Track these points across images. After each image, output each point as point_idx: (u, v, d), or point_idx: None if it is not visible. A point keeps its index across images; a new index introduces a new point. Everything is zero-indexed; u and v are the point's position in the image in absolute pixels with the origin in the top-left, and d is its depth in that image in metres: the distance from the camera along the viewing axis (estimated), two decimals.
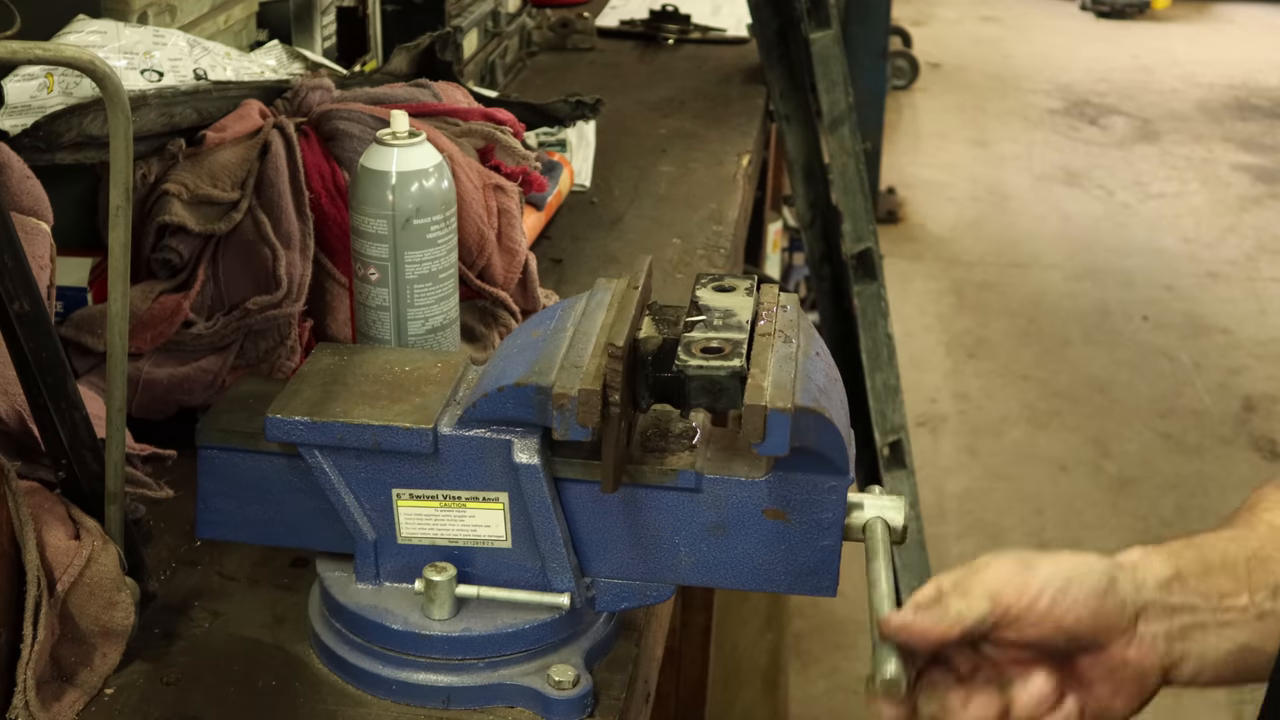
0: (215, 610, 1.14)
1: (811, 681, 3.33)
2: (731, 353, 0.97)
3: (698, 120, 2.45)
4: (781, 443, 0.93)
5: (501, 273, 1.51)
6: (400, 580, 1.06)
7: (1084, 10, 9.26)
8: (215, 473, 1.08)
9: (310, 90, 1.51)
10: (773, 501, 1.01)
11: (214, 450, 1.08)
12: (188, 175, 1.38)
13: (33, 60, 0.93)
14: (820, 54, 2.43)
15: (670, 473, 1.02)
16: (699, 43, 2.95)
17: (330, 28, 2.01)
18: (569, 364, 0.98)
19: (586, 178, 2.09)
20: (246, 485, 1.08)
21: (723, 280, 1.07)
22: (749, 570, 1.04)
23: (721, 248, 1.92)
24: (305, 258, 1.39)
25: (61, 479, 1.06)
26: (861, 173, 2.52)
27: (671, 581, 1.05)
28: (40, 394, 1.01)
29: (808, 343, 1.03)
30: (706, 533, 1.03)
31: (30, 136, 1.32)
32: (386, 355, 1.13)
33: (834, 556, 1.03)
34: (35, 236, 1.15)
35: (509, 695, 1.04)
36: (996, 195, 6.23)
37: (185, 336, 1.35)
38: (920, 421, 3.90)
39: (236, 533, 1.10)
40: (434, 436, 1.02)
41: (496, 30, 2.57)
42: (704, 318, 1.01)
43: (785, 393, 0.94)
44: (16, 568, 0.99)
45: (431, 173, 1.29)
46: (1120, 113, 7.30)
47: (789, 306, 1.06)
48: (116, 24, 1.54)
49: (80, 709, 1.02)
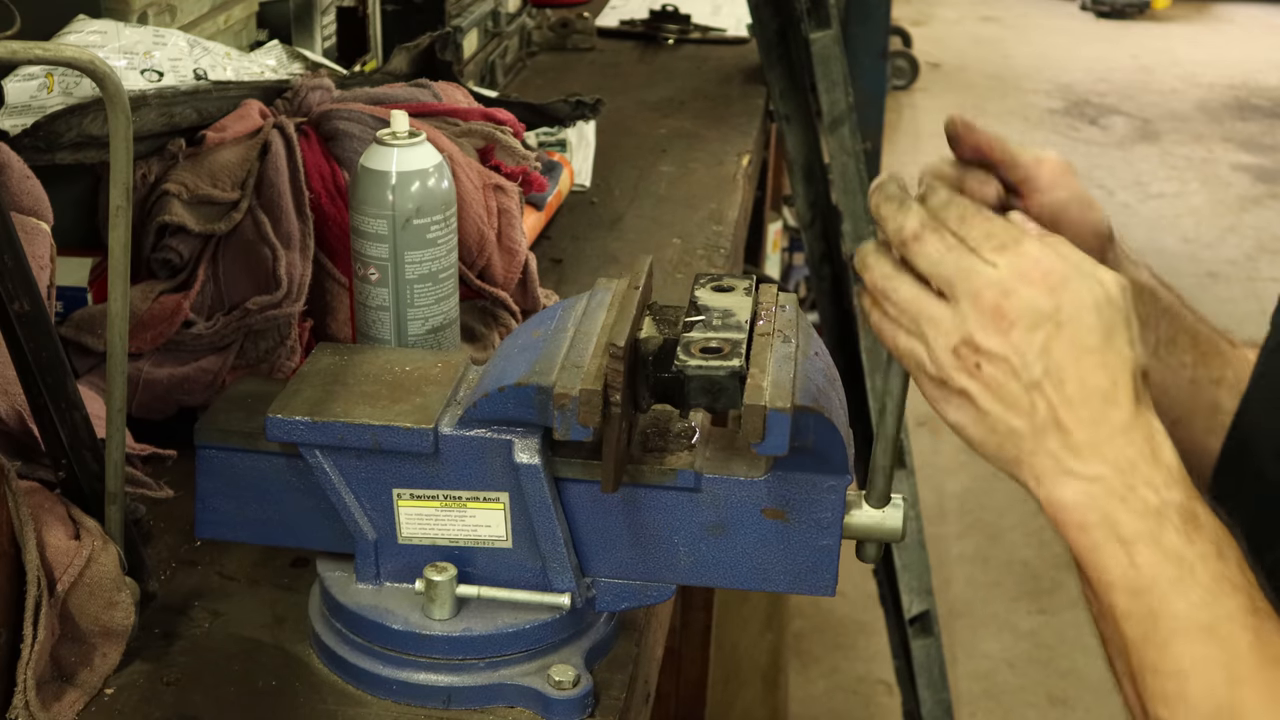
0: (215, 610, 1.14)
1: (811, 681, 3.34)
2: (731, 353, 0.97)
3: (698, 120, 2.45)
4: (781, 442, 0.93)
5: (501, 273, 1.51)
6: (401, 580, 1.06)
7: (1084, 10, 9.26)
8: (214, 472, 1.08)
9: (310, 90, 1.51)
10: (772, 501, 1.01)
11: (212, 450, 1.08)
12: (188, 175, 1.38)
13: (33, 60, 0.93)
14: (820, 54, 2.43)
15: (669, 472, 1.02)
16: (699, 43, 2.95)
17: (330, 28, 2.01)
18: (570, 364, 0.98)
19: (586, 178, 2.09)
20: (245, 485, 1.08)
21: (721, 280, 1.07)
22: (748, 570, 1.04)
23: (721, 248, 1.92)
24: (305, 258, 1.39)
25: (61, 479, 1.06)
26: (861, 173, 2.52)
27: (670, 581, 1.05)
28: (40, 394, 1.01)
29: (806, 342, 1.03)
30: (705, 532, 1.03)
31: (30, 136, 1.32)
32: (387, 355, 1.13)
33: (833, 556, 1.03)
34: (35, 236, 1.15)
35: (509, 695, 1.04)
36: None
37: (185, 336, 1.35)
38: (920, 421, 3.90)
39: (235, 532, 1.10)
40: (435, 436, 1.01)
41: (496, 30, 2.57)
42: (703, 318, 1.01)
43: (784, 392, 0.94)
44: (16, 568, 0.99)
45: (431, 173, 1.29)
46: (1120, 113, 7.30)
47: (788, 306, 1.06)
48: (116, 24, 1.54)
49: (80, 709, 1.02)
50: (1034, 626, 3.50)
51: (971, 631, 3.48)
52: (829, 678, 3.35)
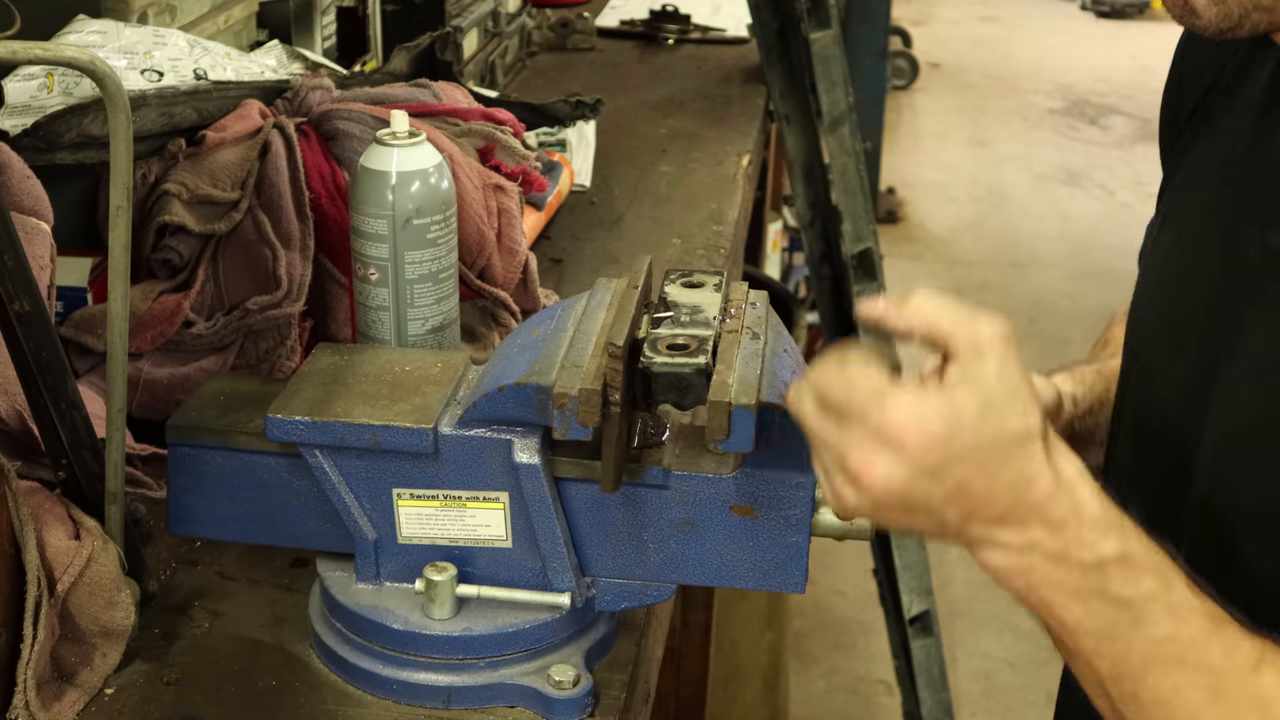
0: (215, 610, 1.14)
1: (811, 681, 3.34)
2: (697, 349, 0.97)
3: (698, 120, 2.45)
4: (745, 439, 0.93)
5: (501, 273, 1.51)
6: (401, 580, 1.06)
7: (1084, 10, 9.26)
8: (186, 469, 1.08)
9: (310, 90, 1.51)
10: (740, 498, 1.01)
11: (185, 447, 1.08)
12: (188, 175, 1.38)
13: (33, 60, 0.93)
14: (820, 54, 2.43)
15: (638, 469, 1.02)
16: (699, 43, 2.95)
17: (330, 28, 2.01)
18: (569, 364, 0.98)
19: (586, 178, 2.09)
20: (217, 482, 1.08)
21: (691, 276, 1.07)
22: (717, 566, 1.04)
23: (721, 248, 1.92)
24: (305, 258, 1.39)
25: (61, 479, 1.06)
26: (861, 173, 2.52)
27: (637, 578, 1.05)
28: (40, 394, 1.01)
29: (775, 339, 1.03)
30: (674, 529, 1.03)
31: (30, 136, 1.32)
32: (387, 355, 1.13)
33: (802, 553, 1.03)
34: (35, 236, 1.15)
35: (509, 695, 1.04)
36: (996, 195, 6.23)
37: (185, 336, 1.35)
38: None
39: (207, 529, 1.10)
40: (434, 436, 1.01)
41: (496, 30, 2.57)
42: (671, 314, 1.01)
43: (750, 389, 0.94)
44: (16, 568, 0.99)
45: (431, 173, 1.29)
46: (1120, 113, 7.30)
47: (758, 303, 1.06)
48: (116, 24, 1.54)
49: (80, 709, 1.02)
50: (1034, 626, 3.48)
51: (971, 631, 3.48)
52: (829, 678, 3.35)
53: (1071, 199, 6.19)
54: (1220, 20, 0.94)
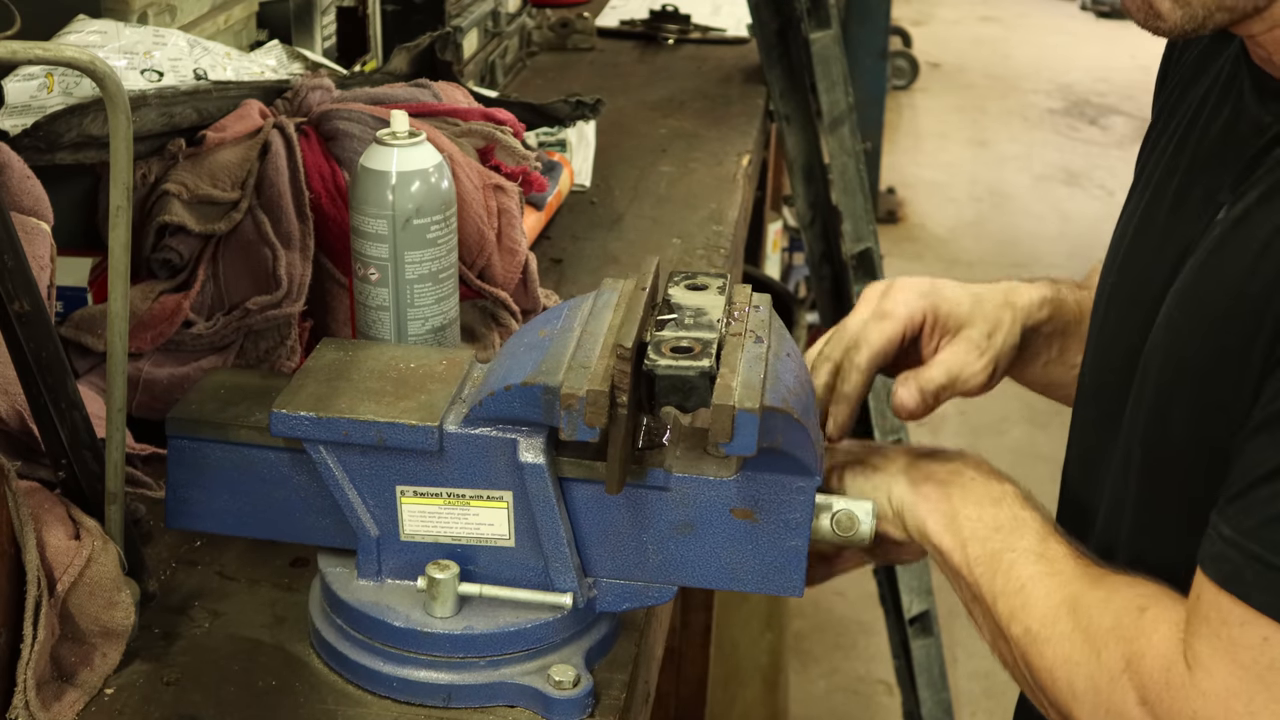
0: (215, 610, 1.14)
1: (811, 681, 3.34)
2: (701, 352, 0.97)
3: (698, 120, 2.45)
4: (749, 443, 0.93)
5: (501, 273, 1.51)
6: (402, 577, 1.06)
7: (1084, 10, 9.27)
8: (185, 463, 1.08)
9: (310, 90, 1.51)
10: (741, 501, 1.01)
11: (184, 440, 1.08)
12: (188, 175, 1.38)
13: (33, 60, 0.93)
14: (820, 54, 2.43)
15: (639, 471, 1.02)
16: (699, 43, 2.95)
17: (330, 28, 2.01)
18: (577, 364, 0.98)
19: (586, 178, 2.09)
20: (216, 476, 1.08)
21: (695, 278, 1.06)
22: (716, 569, 1.04)
23: (721, 248, 1.92)
24: (305, 258, 1.39)
25: (61, 479, 1.06)
26: (861, 173, 2.52)
27: (638, 579, 1.05)
28: (40, 394, 1.01)
29: (779, 343, 1.03)
30: (674, 531, 1.03)
31: (30, 136, 1.32)
32: (392, 351, 1.12)
33: (801, 557, 1.03)
34: (35, 236, 1.15)
35: (510, 694, 1.04)
36: (996, 195, 6.23)
37: (185, 336, 1.35)
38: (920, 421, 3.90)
39: (206, 523, 1.10)
40: (439, 434, 1.01)
41: (496, 30, 2.57)
42: (675, 316, 1.01)
43: (754, 393, 0.94)
44: (16, 568, 0.99)
45: (431, 173, 1.29)
46: (1120, 113, 7.30)
47: (761, 306, 1.06)
48: (116, 24, 1.54)
49: (80, 709, 1.02)
50: None
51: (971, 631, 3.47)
52: (829, 678, 3.35)
53: (1071, 199, 6.19)
54: (1185, 22, 0.97)
